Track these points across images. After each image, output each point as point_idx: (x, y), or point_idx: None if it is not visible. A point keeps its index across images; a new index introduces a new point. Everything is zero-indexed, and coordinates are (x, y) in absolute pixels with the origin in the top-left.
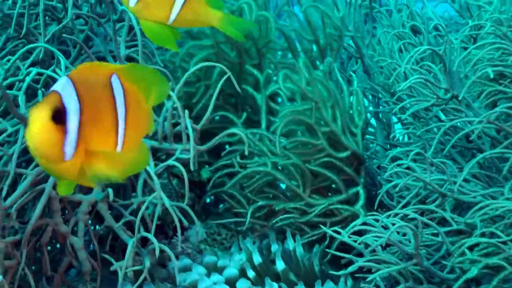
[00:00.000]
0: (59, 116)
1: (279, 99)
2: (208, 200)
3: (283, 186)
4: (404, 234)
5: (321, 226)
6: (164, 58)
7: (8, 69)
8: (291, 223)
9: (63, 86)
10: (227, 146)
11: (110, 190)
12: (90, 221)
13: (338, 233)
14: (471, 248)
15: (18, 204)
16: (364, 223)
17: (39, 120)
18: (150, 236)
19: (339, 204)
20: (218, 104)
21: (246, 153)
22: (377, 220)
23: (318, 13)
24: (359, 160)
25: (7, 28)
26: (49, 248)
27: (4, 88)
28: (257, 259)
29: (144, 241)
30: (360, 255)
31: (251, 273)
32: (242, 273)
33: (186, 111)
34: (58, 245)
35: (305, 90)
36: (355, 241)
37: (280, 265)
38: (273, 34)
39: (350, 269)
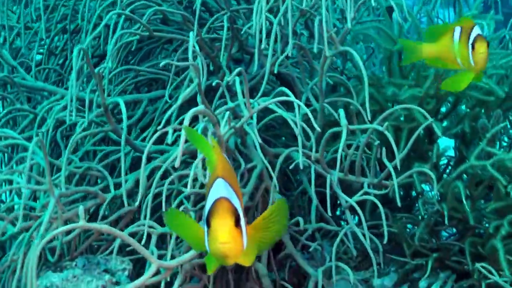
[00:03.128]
0: (237, 221)
1: None
2: None
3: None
4: None
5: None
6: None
7: None
8: None
9: (227, 191)
10: None
11: (300, 219)
12: None
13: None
14: None
15: None
16: None
17: (225, 232)
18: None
19: None
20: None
21: (435, 192)
22: None
23: None
24: None
25: None
26: None
27: None
28: None
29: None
30: None
31: None
32: None
33: (396, 149)
34: None
35: None
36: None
37: None
38: None
39: None
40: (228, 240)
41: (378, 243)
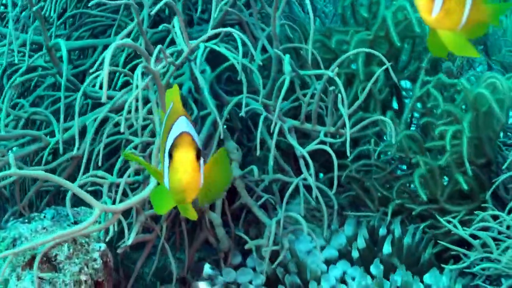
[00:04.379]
0: (198, 155)
1: None
2: None
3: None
4: None
5: (436, 216)
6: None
7: None
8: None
9: (187, 126)
10: None
11: (255, 168)
12: None
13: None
14: None
15: None
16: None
17: (189, 162)
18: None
19: (472, 213)
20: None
21: (393, 142)
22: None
23: None
24: (490, 164)
25: None
26: None
27: None
28: (361, 243)
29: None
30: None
31: (355, 254)
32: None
33: (345, 95)
34: None
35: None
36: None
37: (387, 249)
38: None
39: (464, 265)
40: (190, 170)
41: (333, 198)
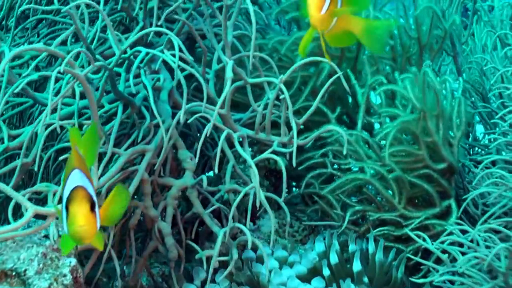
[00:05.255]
0: (92, 206)
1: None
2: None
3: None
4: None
5: (404, 227)
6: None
7: None
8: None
9: (82, 180)
10: None
11: (204, 177)
12: None
13: (420, 238)
14: None
15: (110, 184)
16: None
17: (82, 216)
18: (242, 227)
19: (434, 218)
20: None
21: (345, 152)
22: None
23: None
24: (453, 171)
25: None
26: None
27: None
28: (333, 258)
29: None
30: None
31: (326, 272)
32: (312, 272)
33: (290, 104)
34: None
35: (415, 100)
36: (438, 249)
37: (356, 266)
38: None
39: (434, 278)
40: (85, 223)
41: (285, 207)
